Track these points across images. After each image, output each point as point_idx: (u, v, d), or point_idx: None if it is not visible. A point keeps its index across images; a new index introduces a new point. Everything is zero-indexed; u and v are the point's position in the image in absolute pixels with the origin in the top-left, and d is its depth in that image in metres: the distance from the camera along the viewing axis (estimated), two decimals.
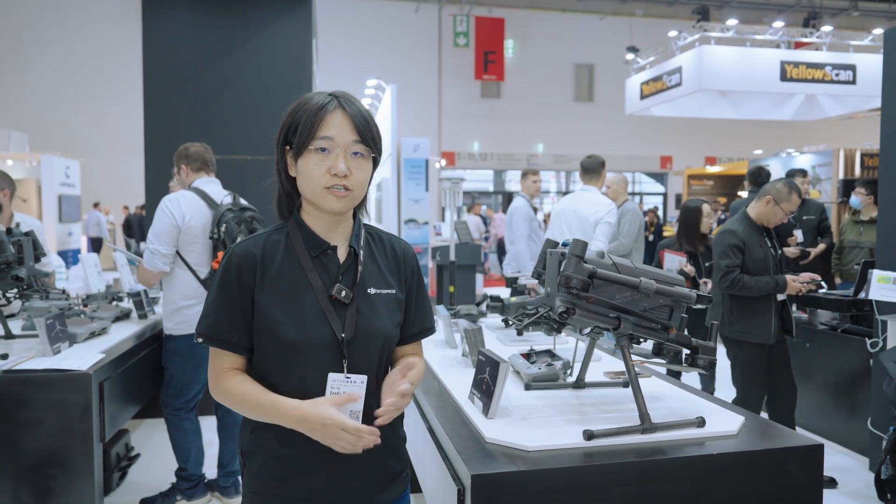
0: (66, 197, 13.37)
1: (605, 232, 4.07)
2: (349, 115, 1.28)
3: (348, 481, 1.33)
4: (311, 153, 1.27)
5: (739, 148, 20.32)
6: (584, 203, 4.21)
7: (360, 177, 1.30)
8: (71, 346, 2.51)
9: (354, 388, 1.28)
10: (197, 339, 1.31)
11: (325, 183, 1.26)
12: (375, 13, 18.84)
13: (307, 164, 1.27)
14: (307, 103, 1.30)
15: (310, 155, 1.27)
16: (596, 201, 4.20)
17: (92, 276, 3.75)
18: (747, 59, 13.24)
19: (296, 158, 1.29)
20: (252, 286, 1.29)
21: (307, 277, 1.31)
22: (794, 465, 1.48)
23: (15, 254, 2.39)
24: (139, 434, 4.00)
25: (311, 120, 1.26)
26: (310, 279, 1.30)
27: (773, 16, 17.92)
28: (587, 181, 4.32)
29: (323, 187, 1.27)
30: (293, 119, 1.30)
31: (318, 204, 1.30)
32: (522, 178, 5.46)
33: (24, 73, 16.67)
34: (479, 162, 19.97)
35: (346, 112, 1.28)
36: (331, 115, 1.27)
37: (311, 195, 1.30)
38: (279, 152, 1.34)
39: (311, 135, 1.26)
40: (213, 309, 1.30)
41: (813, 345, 3.99)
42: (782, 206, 3.10)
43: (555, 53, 20.10)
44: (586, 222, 4.12)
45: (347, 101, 1.30)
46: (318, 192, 1.28)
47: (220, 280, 1.30)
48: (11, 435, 2.19)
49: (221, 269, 1.32)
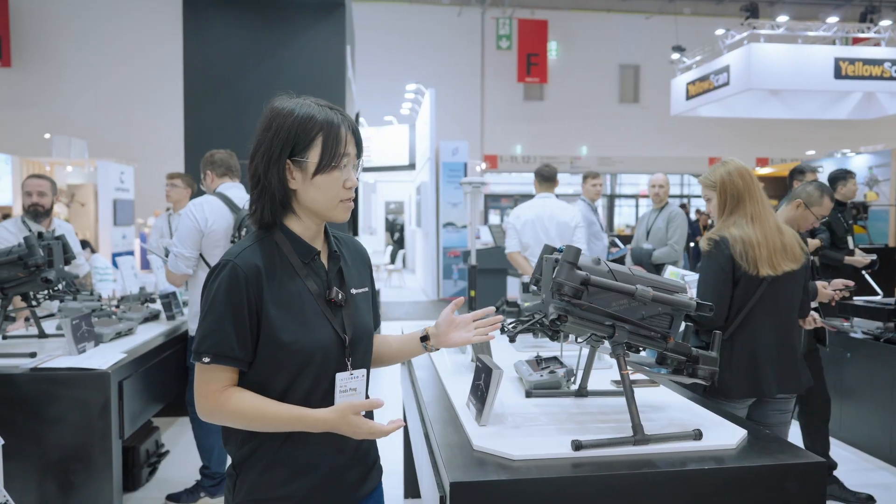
0: (121, 201, 13.94)
1: (582, 236, 4.28)
2: (352, 131, 1.34)
3: (345, 471, 1.38)
4: (335, 170, 1.31)
5: (792, 149, 19.59)
6: (558, 209, 4.36)
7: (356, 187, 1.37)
8: (96, 346, 2.61)
9: (358, 382, 1.35)
10: (203, 360, 1.25)
11: (342, 196, 1.32)
12: (418, 18, 18.97)
13: (327, 180, 1.30)
14: (316, 119, 1.30)
15: (333, 172, 1.31)
16: (567, 207, 4.43)
17: (128, 277, 3.89)
18: (799, 56, 12.75)
19: (314, 174, 1.30)
20: (260, 298, 1.28)
21: (304, 284, 1.33)
22: (793, 484, 1.41)
23: (45, 256, 2.50)
24: (170, 432, 4.13)
25: (337, 139, 1.30)
26: (307, 285, 1.33)
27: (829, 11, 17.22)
28: (546, 189, 4.45)
29: (339, 200, 1.32)
30: (303, 134, 1.30)
31: (328, 216, 1.34)
32: (583, 181, 5.58)
33: (82, 82, 17.47)
34: (522, 165, 19.84)
35: (349, 128, 1.34)
36: (344, 131, 1.32)
37: (324, 207, 1.33)
38: (278, 165, 1.30)
39: (339, 152, 1.30)
40: (220, 326, 1.25)
41: (854, 355, 3.80)
42: (813, 210, 2.96)
43: (599, 54, 19.82)
44: (566, 227, 4.27)
45: (346, 117, 1.35)
46: (333, 206, 1.33)
47: (228, 295, 1.26)
48: (37, 430, 2.29)
49: (227, 283, 1.26)
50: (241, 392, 1.28)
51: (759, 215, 2.26)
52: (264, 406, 1.26)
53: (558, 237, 4.21)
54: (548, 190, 4.45)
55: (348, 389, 1.33)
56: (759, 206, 2.27)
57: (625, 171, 20.54)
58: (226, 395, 1.27)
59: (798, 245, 2.32)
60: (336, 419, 1.26)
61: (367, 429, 1.27)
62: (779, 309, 2.26)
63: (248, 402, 1.26)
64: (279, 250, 1.34)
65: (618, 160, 20.12)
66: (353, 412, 1.26)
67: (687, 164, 20.62)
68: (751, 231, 2.23)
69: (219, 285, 1.27)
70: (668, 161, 20.20)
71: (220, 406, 1.27)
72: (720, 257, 2.22)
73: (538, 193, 4.46)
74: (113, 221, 13.50)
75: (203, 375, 1.27)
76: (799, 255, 2.30)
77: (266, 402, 1.27)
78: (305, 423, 1.27)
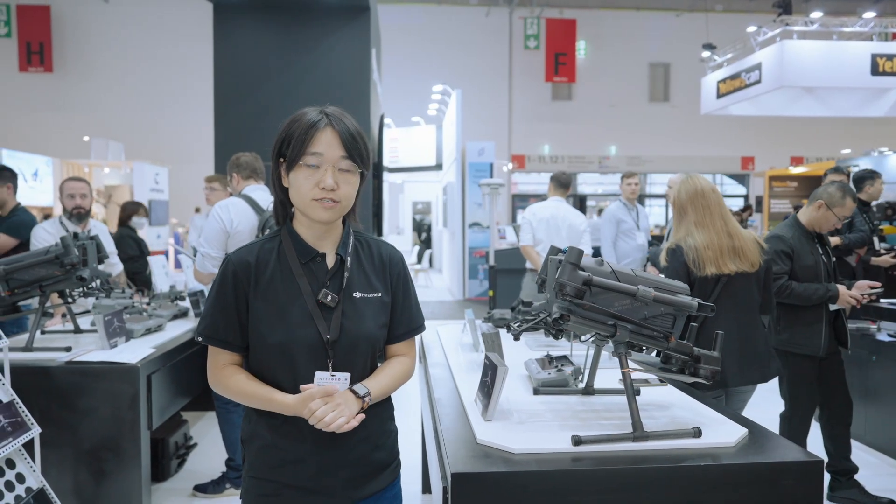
0: (156, 202, 14.31)
1: (588, 239, 4.64)
2: (338, 133, 1.38)
3: (337, 470, 1.42)
4: (302, 167, 1.37)
5: (827, 147, 19.13)
6: (570, 213, 4.74)
7: (347, 190, 1.39)
8: (127, 342, 2.73)
9: (338, 384, 1.40)
10: (197, 339, 1.47)
11: (314, 195, 1.37)
12: (446, 19, 19.06)
13: (298, 178, 1.37)
14: (300, 120, 1.39)
15: (300, 169, 1.37)
16: (577, 212, 4.80)
17: (159, 276, 4.04)
18: (834, 53, 12.46)
19: (288, 171, 1.39)
20: (247, 292, 1.40)
21: (297, 283, 1.40)
22: (790, 482, 1.43)
23: (79, 256, 2.63)
24: (199, 425, 4.27)
25: (303, 136, 1.36)
26: (299, 285, 1.40)
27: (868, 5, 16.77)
28: (560, 193, 4.79)
29: (311, 199, 1.37)
30: (287, 134, 1.40)
31: (307, 214, 1.40)
32: (620, 181, 5.74)
33: (119, 86, 17.99)
34: (550, 165, 19.77)
35: (335, 129, 1.38)
36: (321, 132, 1.37)
37: (301, 206, 1.40)
38: (274, 164, 1.44)
39: (302, 150, 1.36)
40: (211, 311, 1.42)
41: (879, 357, 3.75)
42: (835, 211, 2.94)
43: (628, 53, 19.64)
44: (576, 231, 4.65)
45: (337, 119, 1.39)
46: (307, 203, 1.38)
47: (218, 285, 1.42)
48: (71, 421, 2.42)
49: (219, 275, 1.43)
50: (237, 371, 1.43)
51: (702, 222, 2.55)
52: (246, 384, 1.40)
53: (567, 238, 4.56)
54: (561, 195, 4.78)
55: None
56: (703, 215, 2.56)
57: (654, 170, 20.31)
58: (225, 371, 1.43)
59: (755, 249, 2.56)
60: (296, 405, 1.34)
61: (328, 419, 1.30)
62: (737, 306, 2.51)
63: (235, 379, 1.41)
64: (281, 249, 1.44)
65: (647, 159, 19.91)
66: (311, 399, 1.33)
67: (718, 164, 20.30)
68: (697, 236, 2.53)
69: (216, 278, 1.44)
70: (699, 160, 19.91)
71: (217, 379, 1.44)
72: (675, 263, 2.52)
73: (552, 196, 4.77)
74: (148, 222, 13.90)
75: (210, 354, 1.46)
76: (754, 258, 2.54)
77: (248, 382, 1.41)
78: (272, 405, 1.38)
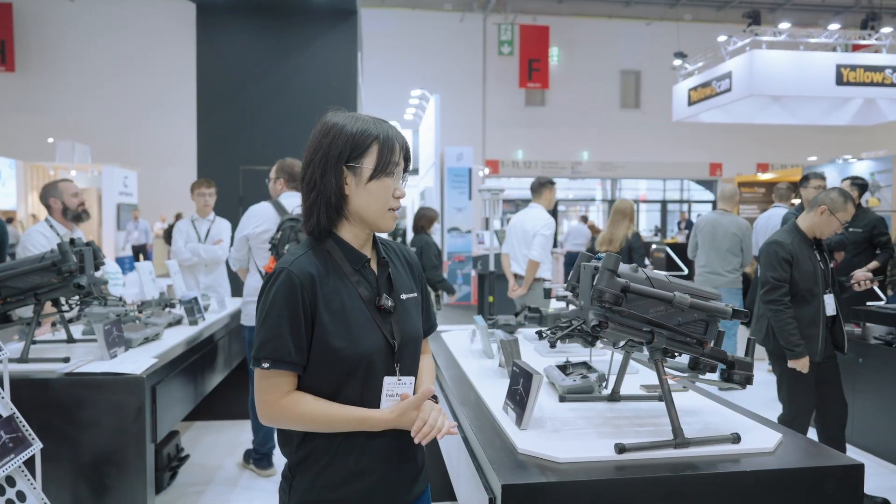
0: (125, 206, 13.96)
1: (539, 243, 4.73)
2: (401, 144, 1.40)
3: (395, 475, 1.40)
4: (385, 178, 1.36)
5: (793, 154, 19.68)
6: (527, 218, 4.91)
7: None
8: (126, 351, 2.64)
9: (405, 388, 1.37)
10: (263, 366, 1.29)
11: (391, 204, 1.38)
12: (420, 24, 19.07)
13: (378, 188, 1.35)
14: (370, 129, 1.36)
15: (384, 179, 1.36)
16: (536, 216, 4.86)
17: (147, 283, 3.92)
18: (801, 63, 12.83)
19: (368, 180, 1.35)
20: (314, 305, 1.32)
21: (356, 291, 1.37)
22: (832, 486, 1.45)
23: (77, 263, 2.53)
24: (189, 436, 4.15)
25: (392, 147, 1.36)
26: (359, 292, 1.37)
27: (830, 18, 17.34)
28: (534, 199, 4.97)
29: (388, 208, 1.38)
30: (360, 142, 1.35)
31: (376, 224, 1.39)
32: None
33: (86, 87, 17.52)
34: (523, 170, 19.92)
35: (400, 140, 1.40)
36: (396, 143, 1.38)
37: (373, 215, 1.37)
38: (334, 171, 1.35)
39: (391, 160, 1.36)
40: (277, 332, 1.29)
41: (866, 360, 3.85)
42: (837, 216, 3.00)
43: (600, 60, 19.93)
44: (528, 235, 4.79)
45: (394, 127, 1.41)
46: (382, 213, 1.38)
47: (284, 301, 1.29)
48: (71, 434, 2.32)
49: (283, 290, 1.30)
50: (304, 396, 1.33)
51: None
52: (329, 409, 1.32)
53: (523, 243, 4.79)
54: (536, 200, 4.94)
55: (395, 395, 1.36)
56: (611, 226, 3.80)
57: (626, 176, 20.62)
58: (289, 399, 1.31)
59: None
60: (397, 418, 1.33)
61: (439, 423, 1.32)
62: None
63: (313, 406, 1.32)
64: (331, 258, 1.38)
65: (619, 165, 20.21)
66: (413, 408, 1.33)
67: (687, 170, 20.72)
68: None
69: (275, 292, 1.31)
70: (669, 166, 20.30)
71: (284, 411, 1.31)
72: None
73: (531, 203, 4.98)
74: (116, 226, 13.56)
75: (263, 382, 1.32)
76: None
77: (330, 405, 1.32)
78: (368, 424, 1.33)
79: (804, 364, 2.97)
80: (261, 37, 5.86)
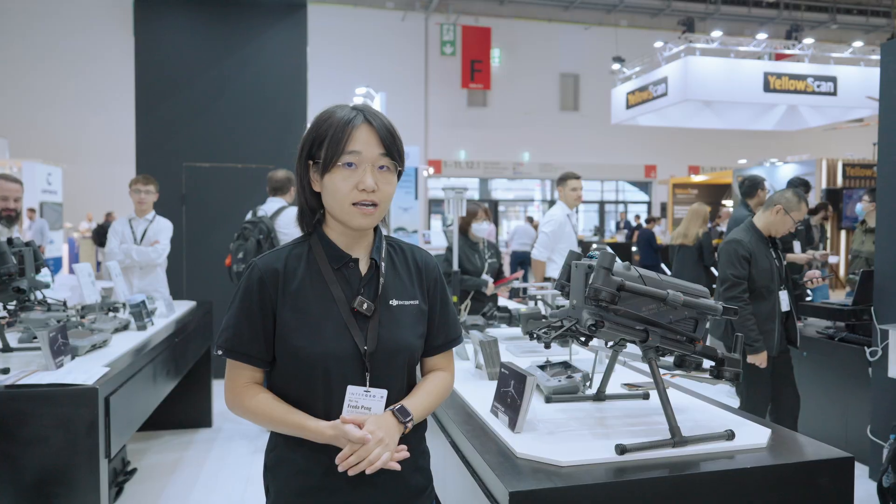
0: (48, 204, 13.16)
1: (540, 241, 4.77)
2: (375, 129, 1.27)
3: (373, 498, 1.30)
4: (339, 169, 1.25)
5: (723, 157, 20.59)
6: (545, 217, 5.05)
7: (387, 190, 1.29)
8: (73, 360, 2.44)
9: (374, 402, 1.27)
10: (217, 352, 1.31)
11: (353, 199, 1.26)
12: (363, 22, 18.84)
13: (334, 180, 1.26)
14: (331, 118, 1.28)
15: (337, 170, 1.26)
16: (548, 214, 4.91)
17: (86, 286, 3.66)
18: (732, 70, 13.44)
19: (322, 174, 1.27)
20: (274, 301, 1.28)
21: (330, 290, 1.29)
22: (825, 479, 1.48)
23: (17, 265, 2.33)
24: (134, 448, 3.91)
25: (339, 135, 1.25)
26: (332, 292, 1.29)
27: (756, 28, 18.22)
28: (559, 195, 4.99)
29: (350, 203, 1.26)
30: (317, 134, 1.28)
31: (345, 221, 1.29)
32: None
33: (6, 79, 16.40)
34: (466, 170, 20.01)
35: (372, 126, 1.27)
36: (357, 129, 1.26)
37: (338, 212, 1.28)
38: (302, 167, 1.31)
39: (339, 150, 1.25)
40: (234, 322, 1.29)
41: (810, 353, 4.02)
42: (792, 216, 3.12)
43: (541, 62, 20.24)
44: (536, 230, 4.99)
45: (373, 115, 1.29)
46: (345, 208, 1.27)
47: (243, 293, 1.29)
48: (12, 452, 2.12)
49: (244, 282, 1.30)
50: (261, 392, 1.31)
51: None
52: (275, 409, 1.28)
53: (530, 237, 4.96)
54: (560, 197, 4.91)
55: (360, 406, 1.26)
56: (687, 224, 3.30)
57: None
58: (247, 392, 1.30)
59: None
60: (334, 435, 1.23)
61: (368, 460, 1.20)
62: None
63: (262, 402, 1.29)
64: (311, 255, 1.31)
65: (559, 166, 20.57)
66: (350, 436, 1.21)
67: (623, 172, 21.34)
68: None
69: (241, 284, 1.32)
70: (606, 168, 20.83)
71: (238, 401, 1.31)
72: None
73: None
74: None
75: (230, 371, 1.33)
76: None
77: (275, 404, 1.29)
78: (305, 432, 1.26)
79: (762, 359, 3.06)
80: (206, 27, 5.60)
